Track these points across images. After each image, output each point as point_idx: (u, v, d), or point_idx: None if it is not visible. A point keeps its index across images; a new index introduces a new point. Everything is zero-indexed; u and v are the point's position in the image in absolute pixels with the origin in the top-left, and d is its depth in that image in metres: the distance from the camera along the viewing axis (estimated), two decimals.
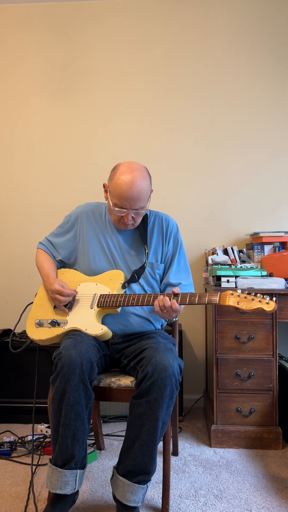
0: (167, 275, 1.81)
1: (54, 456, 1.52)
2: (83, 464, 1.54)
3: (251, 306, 1.48)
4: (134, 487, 1.48)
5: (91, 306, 1.70)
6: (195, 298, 1.56)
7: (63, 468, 1.49)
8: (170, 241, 1.83)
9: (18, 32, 2.90)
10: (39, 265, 1.88)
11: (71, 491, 1.49)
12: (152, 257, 1.79)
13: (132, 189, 1.62)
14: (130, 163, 1.69)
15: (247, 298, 1.50)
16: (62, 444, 1.49)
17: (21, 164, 2.90)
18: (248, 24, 2.80)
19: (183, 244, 1.88)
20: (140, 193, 1.64)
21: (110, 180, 1.71)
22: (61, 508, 1.49)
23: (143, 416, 1.46)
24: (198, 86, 2.82)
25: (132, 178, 1.63)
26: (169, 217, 1.87)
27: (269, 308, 1.46)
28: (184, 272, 1.83)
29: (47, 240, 1.93)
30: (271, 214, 2.77)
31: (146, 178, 1.68)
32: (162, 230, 1.82)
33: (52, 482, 1.49)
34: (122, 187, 1.63)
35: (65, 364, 1.48)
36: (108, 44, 2.86)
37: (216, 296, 1.53)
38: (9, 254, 2.90)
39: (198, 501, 1.69)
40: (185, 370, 2.73)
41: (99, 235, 1.82)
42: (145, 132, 2.84)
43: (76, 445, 1.49)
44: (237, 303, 1.50)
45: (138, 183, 1.63)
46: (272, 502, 1.68)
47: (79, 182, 2.86)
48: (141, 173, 1.66)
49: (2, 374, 2.47)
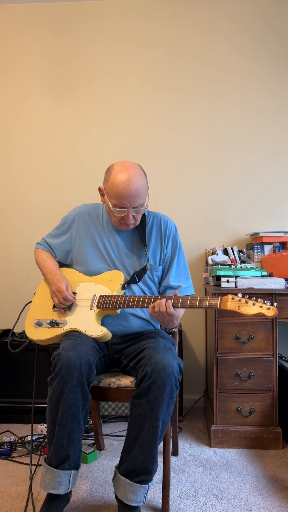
0: (166, 277, 1.80)
1: (49, 456, 1.52)
2: (77, 465, 1.54)
3: (252, 311, 1.48)
4: (135, 486, 1.48)
5: (90, 307, 1.70)
6: (196, 301, 1.55)
7: (57, 469, 1.49)
8: (168, 242, 1.81)
9: (18, 31, 2.90)
10: (41, 263, 1.87)
11: (64, 491, 1.50)
12: (151, 259, 1.78)
13: (130, 187, 1.61)
14: (123, 162, 1.68)
15: (248, 303, 1.49)
16: (58, 445, 1.49)
17: (21, 163, 2.90)
18: (249, 24, 2.79)
19: (182, 245, 1.87)
20: (138, 190, 1.63)
21: (105, 182, 1.69)
22: (57, 507, 1.50)
23: (143, 416, 1.46)
24: (198, 87, 2.82)
25: (129, 176, 1.62)
26: (167, 218, 1.85)
27: (270, 314, 1.46)
28: (183, 274, 1.82)
29: (44, 241, 1.93)
30: (271, 214, 2.77)
31: (142, 175, 1.67)
32: (161, 231, 1.81)
33: (46, 482, 1.50)
34: (119, 186, 1.62)
35: (64, 365, 1.48)
36: (109, 43, 2.86)
37: (217, 300, 1.53)
38: (9, 254, 2.90)
39: (198, 501, 1.69)
40: (185, 370, 2.73)
41: (96, 236, 1.81)
42: (145, 132, 2.83)
43: (71, 446, 1.49)
44: (238, 307, 1.50)
45: (135, 180, 1.62)
46: (272, 502, 1.68)
47: (79, 181, 2.86)
48: (136, 170, 1.65)
49: (1, 374, 2.47)
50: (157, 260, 1.80)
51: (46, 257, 1.88)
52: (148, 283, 1.78)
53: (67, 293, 1.70)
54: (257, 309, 1.48)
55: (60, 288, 1.71)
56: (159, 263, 1.80)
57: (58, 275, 1.77)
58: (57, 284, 1.73)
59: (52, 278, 1.77)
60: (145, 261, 1.77)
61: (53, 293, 1.74)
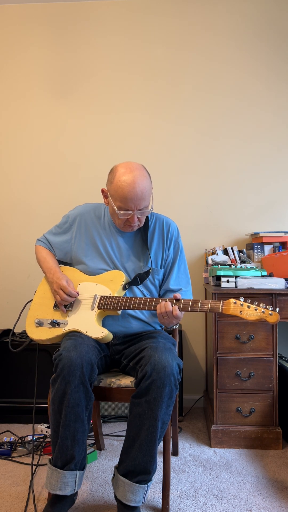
0: (167, 280, 1.79)
1: (53, 457, 1.52)
2: (83, 465, 1.54)
3: (253, 316, 1.48)
4: (134, 487, 1.48)
5: (91, 308, 1.69)
6: (197, 305, 1.55)
7: (62, 469, 1.49)
8: (170, 246, 1.79)
9: (18, 31, 2.90)
10: (42, 260, 1.86)
11: (71, 492, 1.49)
12: (153, 262, 1.77)
13: (135, 189, 1.59)
14: (127, 163, 1.65)
15: (250, 308, 1.48)
16: (62, 445, 1.49)
17: (21, 163, 2.90)
18: (250, 21, 2.79)
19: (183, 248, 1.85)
20: (143, 191, 1.60)
21: (109, 184, 1.67)
22: (61, 508, 1.49)
23: (143, 415, 1.46)
24: (199, 87, 2.82)
25: (133, 177, 1.59)
26: (170, 220, 1.83)
27: (272, 320, 1.45)
28: (184, 278, 1.81)
29: (45, 238, 1.92)
30: (271, 214, 2.77)
31: (147, 176, 1.64)
32: (163, 234, 1.79)
33: (52, 483, 1.49)
34: (124, 189, 1.59)
35: (66, 365, 1.48)
36: (109, 41, 2.85)
37: (219, 304, 1.52)
38: (9, 254, 2.90)
39: (198, 501, 1.69)
40: (185, 370, 2.73)
41: (97, 238, 1.80)
42: (145, 132, 2.83)
43: (76, 446, 1.49)
44: (240, 312, 1.49)
45: (140, 182, 1.60)
46: (272, 502, 1.68)
47: (79, 181, 2.86)
48: (141, 171, 1.63)
49: (2, 374, 2.47)
50: (158, 263, 1.78)
51: (46, 255, 1.87)
52: (148, 286, 1.77)
53: (69, 289, 1.69)
54: (259, 314, 1.47)
55: (61, 285, 1.70)
56: (160, 267, 1.79)
57: (58, 272, 1.77)
58: (57, 281, 1.72)
59: (52, 277, 1.77)
60: (148, 264, 1.75)
61: (55, 291, 1.73)
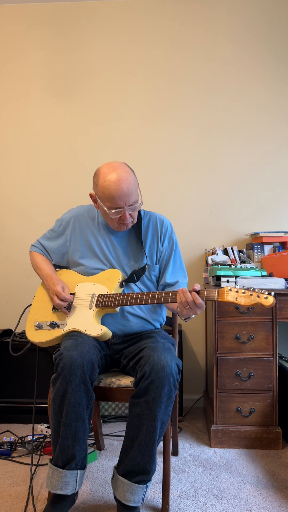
0: (163, 276, 1.80)
1: (54, 456, 1.52)
2: (84, 465, 1.54)
3: (249, 301, 1.48)
4: (133, 487, 1.48)
5: (89, 307, 1.70)
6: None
7: (63, 469, 1.49)
8: (164, 241, 1.82)
9: (19, 31, 2.90)
10: (37, 266, 1.88)
11: (72, 492, 1.50)
12: (148, 258, 1.79)
13: (121, 186, 1.61)
14: (109, 163, 1.68)
15: (246, 294, 1.49)
16: (63, 445, 1.49)
17: (21, 163, 2.90)
18: (250, 22, 2.79)
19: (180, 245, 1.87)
20: (129, 187, 1.62)
21: (95, 187, 1.69)
22: (61, 508, 1.49)
23: (142, 416, 1.46)
24: (198, 88, 2.81)
25: (117, 175, 1.62)
26: (163, 217, 1.86)
27: (268, 303, 1.46)
28: (180, 273, 1.82)
29: (39, 243, 1.93)
30: (271, 214, 2.77)
31: (130, 172, 1.66)
32: (157, 230, 1.81)
33: (53, 483, 1.49)
34: (111, 188, 1.61)
35: (66, 365, 1.48)
36: (109, 42, 2.86)
37: (215, 292, 1.53)
38: (9, 254, 2.90)
39: (198, 501, 1.69)
40: (185, 370, 2.73)
41: (92, 238, 1.81)
42: (145, 132, 2.84)
43: (77, 446, 1.49)
44: (236, 298, 1.50)
45: (124, 178, 1.62)
46: (272, 502, 1.68)
47: (79, 182, 2.86)
48: (123, 168, 1.65)
49: (2, 374, 2.47)
50: (153, 259, 1.80)
51: (41, 261, 1.88)
52: (146, 283, 1.79)
53: (64, 294, 1.71)
54: (255, 299, 1.47)
55: (56, 291, 1.72)
56: (155, 263, 1.81)
57: (54, 279, 1.78)
58: (52, 288, 1.75)
59: (48, 283, 1.79)
60: (144, 260, 1.77)
61: (51, 297, 1.76)
